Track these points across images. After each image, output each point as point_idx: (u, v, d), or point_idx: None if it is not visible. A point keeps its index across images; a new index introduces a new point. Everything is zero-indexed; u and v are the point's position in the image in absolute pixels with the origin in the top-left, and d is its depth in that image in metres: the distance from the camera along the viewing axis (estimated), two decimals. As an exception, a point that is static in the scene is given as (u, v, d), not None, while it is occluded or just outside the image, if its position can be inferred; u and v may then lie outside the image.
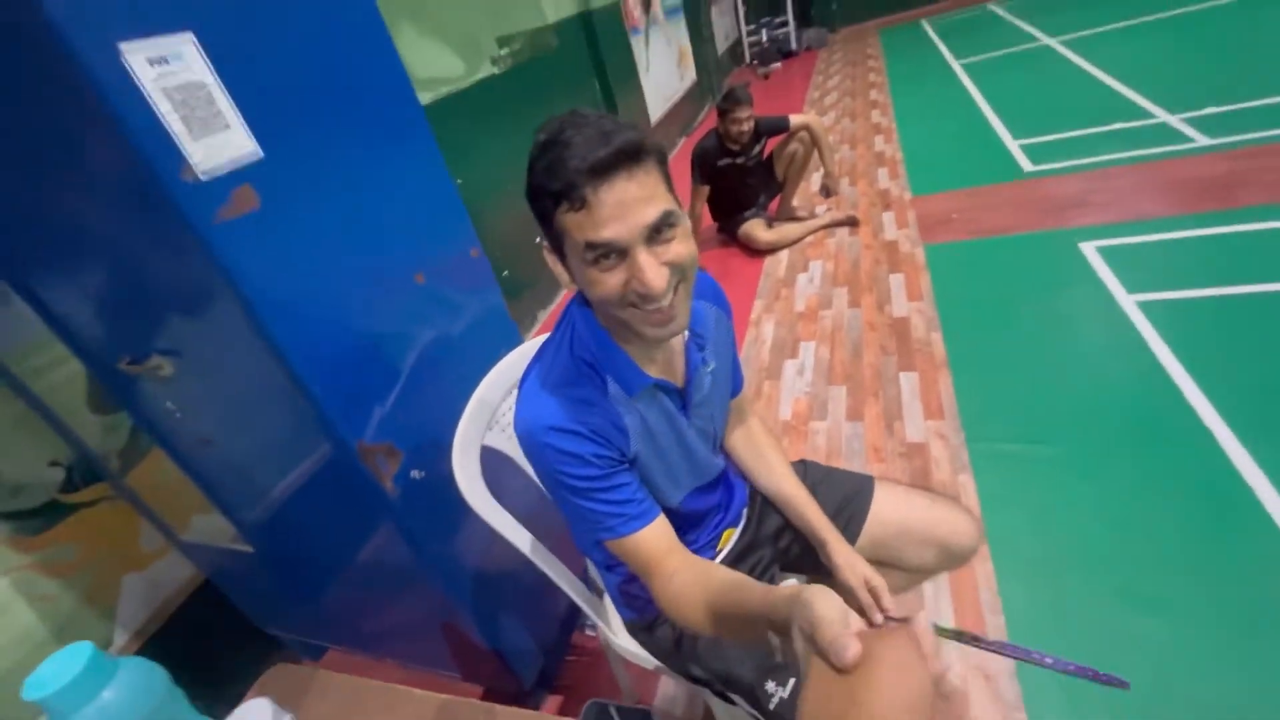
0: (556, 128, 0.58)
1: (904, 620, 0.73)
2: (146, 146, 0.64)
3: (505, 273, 2.76)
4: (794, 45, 8.08)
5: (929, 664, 0.41)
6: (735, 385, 0.97)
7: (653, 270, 0.59)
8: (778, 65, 7.70)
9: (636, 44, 4.63)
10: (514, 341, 1.13)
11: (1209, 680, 1.07)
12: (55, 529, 1.24)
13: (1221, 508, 1.33)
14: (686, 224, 0.63)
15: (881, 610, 0.80)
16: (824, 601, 0.44)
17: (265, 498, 1.10)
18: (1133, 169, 2.74)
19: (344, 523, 1.08)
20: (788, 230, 3.07)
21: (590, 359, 0.72)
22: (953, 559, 0.95)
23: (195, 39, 0.68)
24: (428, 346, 1.04)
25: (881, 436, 1.80)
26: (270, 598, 1.44)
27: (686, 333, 0.79)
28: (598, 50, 3.86)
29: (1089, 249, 2.30)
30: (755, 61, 8.15)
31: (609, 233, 0.57)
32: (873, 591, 0.81)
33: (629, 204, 0.57)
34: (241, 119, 0.73)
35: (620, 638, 1.02)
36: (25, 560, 1.20)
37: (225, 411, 0.97)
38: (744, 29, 8.32)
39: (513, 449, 1.00)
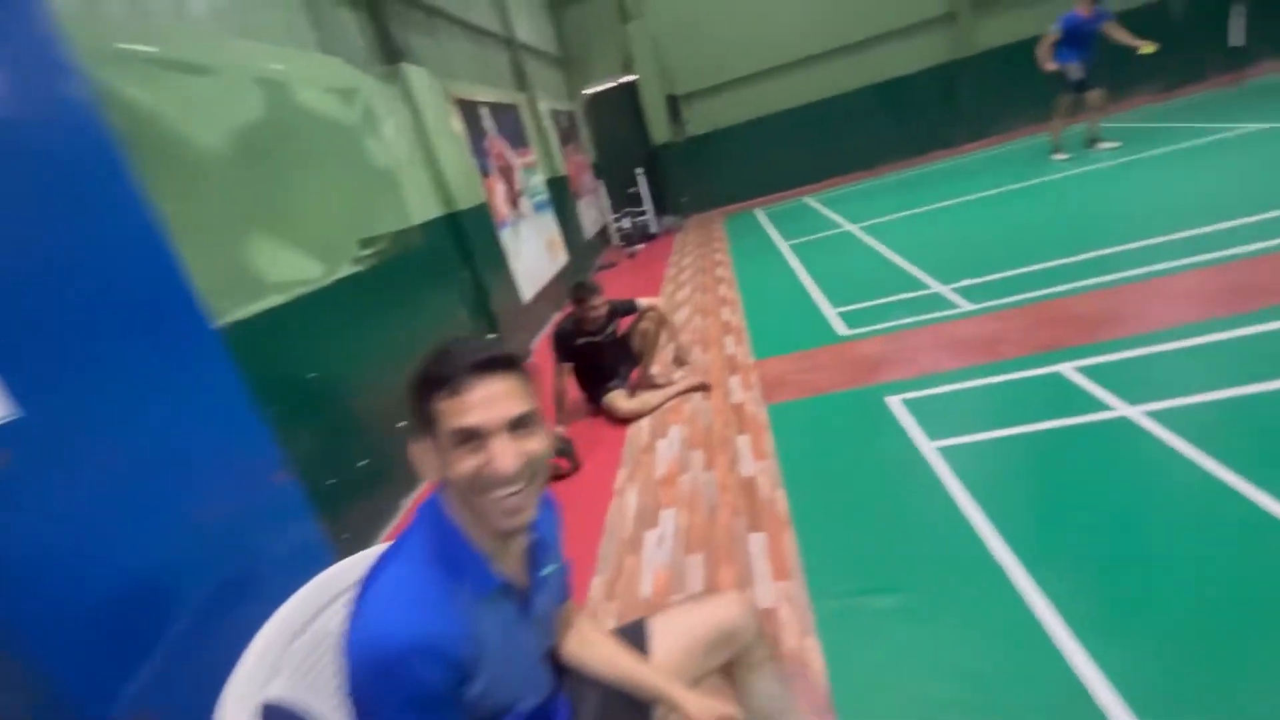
0: (446, 343, 0.72)
1: None
2: None
3: (362, 463, 2.67)
4: (654, 229, 9.22)
5: None
6: (565, 592, 1.02)
7: (507, 455, 0.69)
8: (642, 246, 8.69)
9: (506, 235, 5.08)
10: (323, 563, 1.09)
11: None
12: None
13: (1018, 643, 1.46)
14: (545, 429, 0.74)
15: None
16: None
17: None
18: (920, 331, 3.30)
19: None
20: (647, 399, 3.28)
21: (444, 559, 0.74)
22: (740, 639, 1.05)
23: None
24: (210, 595, 0.97)
25: (736, 604, 1.82)
26: None
27: (531, 536, 0.86)
28: (466, 243, 4.19)
29: (894, 402, 2.66)
30: (622, 243, 9.16)
31: (474, 419, 0.68)
32: None
33: (497, 398, 0.69)
34: (-5, 386, 0.73)
35: None
36: None
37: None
38: (610, 217, 9.43)
39: (312, 695, 0.92)
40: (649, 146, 9.81)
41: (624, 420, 3.24)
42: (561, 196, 7.17)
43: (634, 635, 1.06)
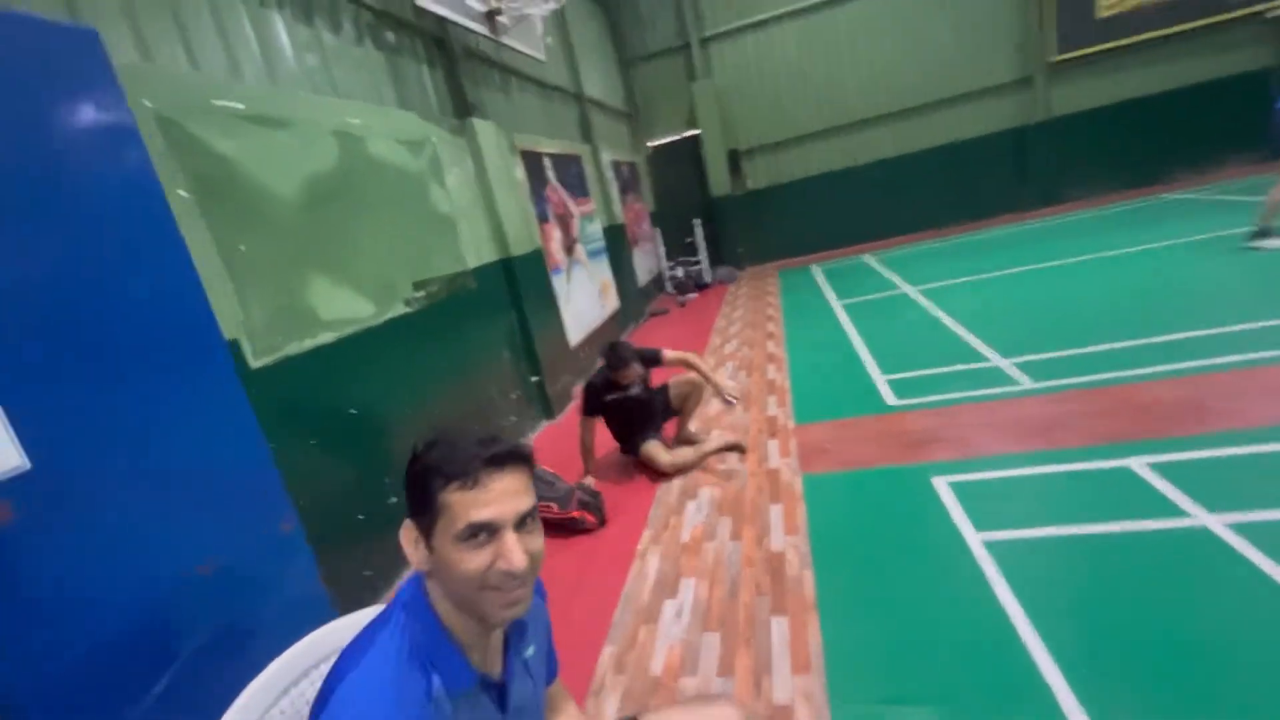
0: (437, 434, 0.72)
1: None
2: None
3: (393, 499, 2.71)
4: (708, 279, 9.25)
5: None
6: (551, 670, 1.00)
7: (517, 551, 0.69)
8: (694, 295, 8.72)
9: (558, 281, 5.20)
10: (324, 616, 1.08)
11: None
12: None
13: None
14: (540, 527, 0.74)
15: None
16: None
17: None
18: (975, 407, 3.11)
19: None
20: (682, 455, 3.20)
21: (420, 653, 0.72)
22: None
23: (-25, 374, 0.74)
24: (201, 648, 0.98)
25: (750, 694, 1.70)
26: None
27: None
28: (517, 288, 4.31)
29: (941, 484, 2.49)
30: (675, 291, 9.21)
31: (490, 513, 0.68)
32: None
33: (511, 493, 0.69)
34: (10, 431, 0.76)
35: None
36: None
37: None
38: (664, 264, 9.55)
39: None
40: (708, 198, 9.95)
41: (662, 473, 3.17)
42: (617, 244, 7.32)
43: None
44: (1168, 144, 8.31)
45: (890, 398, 3.50)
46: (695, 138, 9.88)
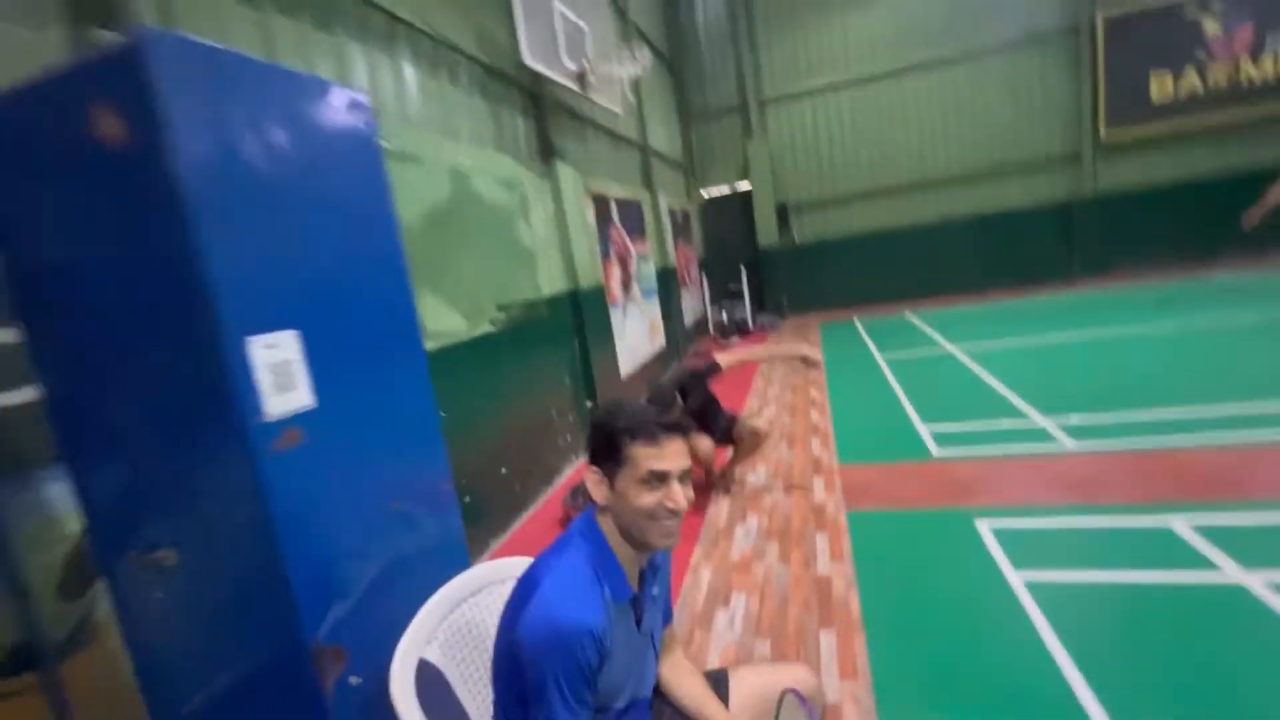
0: (616, 404, 1.01)
1: None
2: (243, 399, 0.95)
3: (466, 499, 2.97)
4: (750, 325, 9.51)
5: None
6: (667, 614, 1.22)
7: (682, 495, 0.94)
8: (736, 339, 8.97)
9: (615, 314, 5.53)
10: (462, 565, 1.33)
11: None
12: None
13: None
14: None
15: None
16: None
17: (202, 692, 1.16)
18: (1016, 461, 3.24)
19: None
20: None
21: (597, 566, 0.97)
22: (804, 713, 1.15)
23: (298, 335, 1.03)
24: (387, 565, 1.23)
25: (800, 695, 1.86)
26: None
27: (646, 559, 1.07)
28: (581, 317, 4.64)
29: (984, 526, 2.63)
30: (718, 334, 9.49)
31: (665, 464, 0.93)
32: None
33: (679, 453, 0.95)
34: (309, 381, 1.05)
35: None
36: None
37: (203, 602, 1.11)
38: (709, 308, 9.86)
39: (449, 664, 1.13)
40: (755, 248, 10.31)
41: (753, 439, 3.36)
42: (669, 286, 7.67)
43: (717, 681, 1.20)
44: (1220, 225, 8.34)
45: (933, 447, 3.65)
46: (747, 192, 10.32)
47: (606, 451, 0.97)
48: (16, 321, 1.09)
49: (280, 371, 0.99)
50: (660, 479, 0.93)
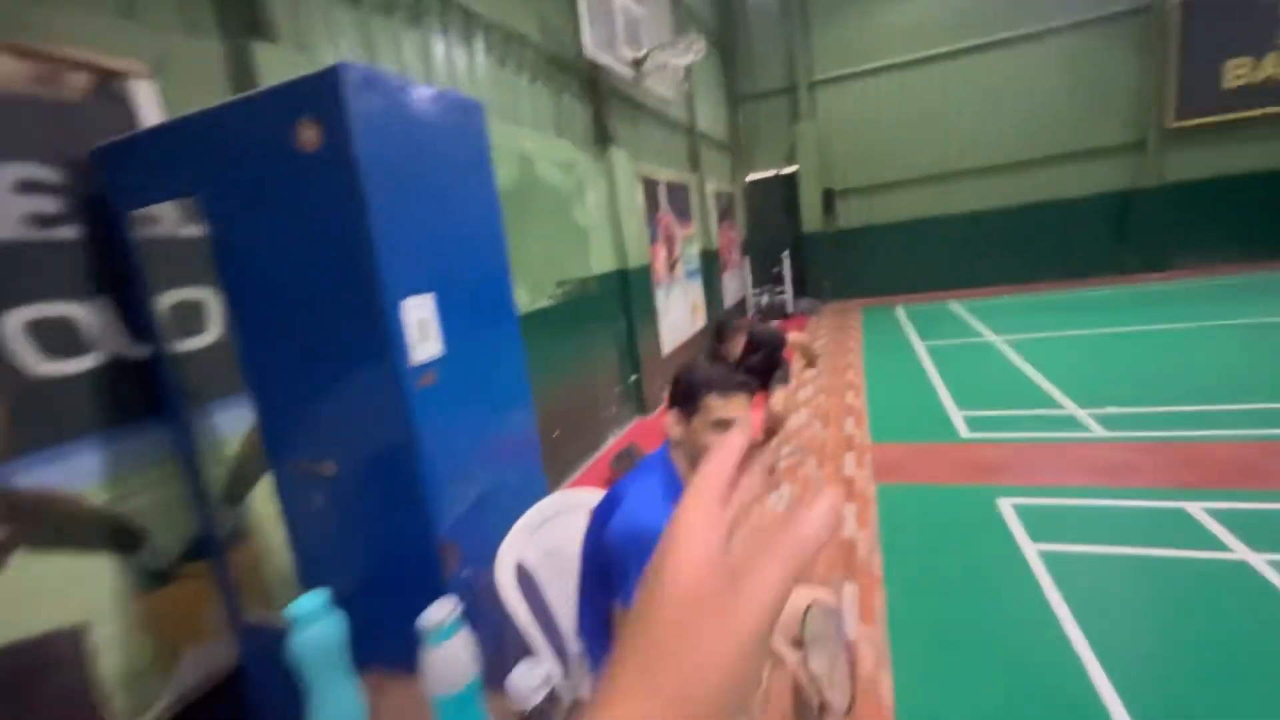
0: (696, 363, 1.30)
1: None
2: (397, 347, 1.24)
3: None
4: (790, 309, 9.61)
5: None
6: None
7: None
8: (776, 324, 9.10)
9: (659, 294, 5.77)
10: (541, 493, 1.62)
11: None
12: (163, 590, 1.59)
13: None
14: None
15: None
16: None
17: (348, 579, 1.48)
18: (1045, 446, 3.38)
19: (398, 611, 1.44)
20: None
21: (667, 490, 1.23)
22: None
23: (434, 298, 1.32)
24: (488, 488, 1.52)
25: (823, 634, 2.12)
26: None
27: None
28: (628, 296, 4.89)
29: (1005, 504, 2.81)
30: (758, 317, 9.63)
31: (732, 413, 1.21)
32: None
33: (745, 406, 1.22)
34: (440, 334, 1.34)
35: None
36: (135, 610, 1.54)
37: (353, 505, 1.42)
38: (750, 291, 9.99)
39: (538, 568, 1.42)
40: (798, 232, 10.33)
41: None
42: (711, 267, 7.85)
43: None
44: (1291, 220, 8.02)
45: (964, 430, 3.79)
46: (792, 174, 10.32)
47: (686, 399, 1.24)
48: (217, 284, 1.40)
49: (422, 326, 1.27)
50: (725, 425, 1.19)
